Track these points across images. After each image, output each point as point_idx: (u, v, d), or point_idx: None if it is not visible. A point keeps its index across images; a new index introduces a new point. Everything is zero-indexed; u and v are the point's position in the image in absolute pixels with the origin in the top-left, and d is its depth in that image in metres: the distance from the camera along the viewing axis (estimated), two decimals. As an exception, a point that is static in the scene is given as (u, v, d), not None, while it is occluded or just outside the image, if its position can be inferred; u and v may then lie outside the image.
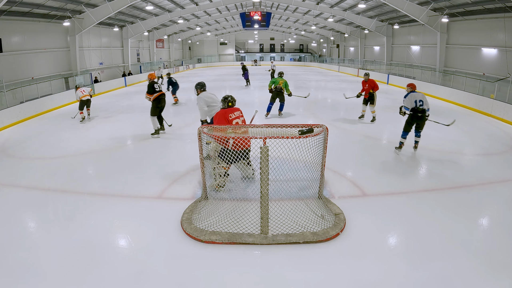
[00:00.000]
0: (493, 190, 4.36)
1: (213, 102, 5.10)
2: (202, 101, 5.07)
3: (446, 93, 12.08)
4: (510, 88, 9.12)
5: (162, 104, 6.81)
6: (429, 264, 2.80)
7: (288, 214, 3.49)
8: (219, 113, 4.29)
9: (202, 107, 5.07)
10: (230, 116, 4.23)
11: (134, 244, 3.19)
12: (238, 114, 4.32)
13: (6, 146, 6.77)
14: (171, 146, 6.46)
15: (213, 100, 5.12)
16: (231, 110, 4.32)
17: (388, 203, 3.95)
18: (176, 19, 23.28)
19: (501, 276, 2.67)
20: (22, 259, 2.94)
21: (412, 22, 18.74)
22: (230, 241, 3.11)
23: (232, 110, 4.32)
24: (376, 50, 25.08)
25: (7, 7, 11.40)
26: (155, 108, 6.74)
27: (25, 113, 9.58)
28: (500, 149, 6.13)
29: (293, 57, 42.93)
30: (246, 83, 17.10)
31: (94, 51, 18.63)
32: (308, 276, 2.70)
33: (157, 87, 6.70)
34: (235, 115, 4.28)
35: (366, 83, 8.27)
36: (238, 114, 4.32)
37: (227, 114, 4.24)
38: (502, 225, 3.45)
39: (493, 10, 12.82)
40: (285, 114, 9.12)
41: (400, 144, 5.83)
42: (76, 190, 4.41)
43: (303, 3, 21.82)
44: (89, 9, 15.40)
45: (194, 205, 3.78)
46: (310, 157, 3.49)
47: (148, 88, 6.72)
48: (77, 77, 15.15)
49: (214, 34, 38.51)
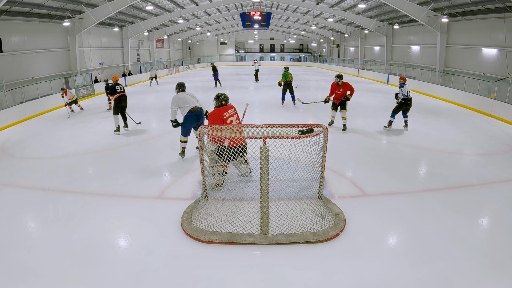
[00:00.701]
0: (493, 190, 4.35)
1: (185, 103, 5.24)
2: (174, 102, 5.27)
3: (446, 93, 12.08)
4: (510, 88, 9.12)
5: (122, 103, 7.38)
6: (429, 264, 2.80)
7: (288, 214, 3.49)
8: (213, 113, 4.33)
9: (172, 107, 5.30)
10: (225, 115, 4.27)
11: (134, 244, 3.19)
12: (232, 112, 4.37)
13: (6, 146, 6.77)
14: (171, 146, 6.46)
15: (185, 102, 5.25)
16: (225, 108, 4.34)
17: (388, 203, 3.95)
18: (176, 19, 23.29)
19: (502, 276, 2.67)
20: (22, 259, 2.93)
21: (412, 22, 18.74)
22: (230, 241, 3.11)
23: (226, 108, 4.35)
24: (376, 50, 25.08)
25: (7, 7, 11.40)
26: (116, 108, 7.34)
27: (25, 113, 9.58)
28: (500, 149, 6.13)
29: (293, 57, 42.92)
30: (216, 83, 16.70)
31: (94, 51, 18.63)
32: (308, 276, 2.70)
33: (119, 89, 7.37)
34: (229, 113, 4.32)
35: (340, 87, 7.09)
36: (232, 112, 4.37)
37: (221, 113, 4.27)
38: (502, 225, 3.45)
39: (493, 10, 12.82)
40: (285, 114, 9.14)
41: (389, 122, 7.34)
42: (76, 190, 4.41)
43: (303, 3, 21.83)
44: (89, 9, 15.40)
45: (194, 205, 3.78)
46: (310, 157, 3.49)
47: (110, 89, 7.44)
48: (77, 77, 15.15)
49: (214, 34, 38.50)
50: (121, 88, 7.40)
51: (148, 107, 11.44)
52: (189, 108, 5.22)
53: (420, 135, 7.01)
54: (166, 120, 9.04)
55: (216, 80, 16.72)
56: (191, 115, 5.23)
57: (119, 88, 7.36)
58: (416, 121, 8.53)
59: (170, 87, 17.26)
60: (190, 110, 5.21)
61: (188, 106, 5.24)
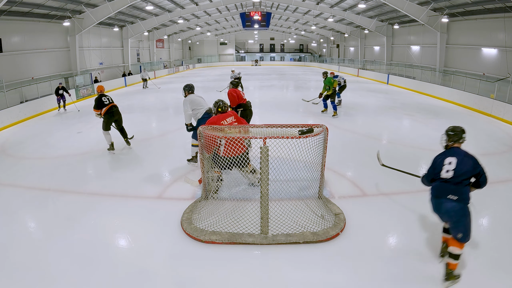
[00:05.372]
0: (493, 190, 4.34)
1: (199, 105, 4.99)
2: (187, 104, 4.98)
3: (446, 93, 12.08)
4: (510, 88, 9.12)
5: (115, 117, 5.97)
6: (429, 264, 2.80)
7: (288, 214, 3.49)
8: (210, 121, 4.10)
9: (187, 111, 4.98)
10: (223, 124, 4.03)
11: (134, 244, 3.19)
12: (231, 120, 4.11)
13: (6, 146, 6.77)
14: (171, 146, 6.46)
15: (199, 104, 5.00)
16: (223, 116, 4.10)
17: (388, 203, 3.95)
18: (176, 19, 23.27)
19: (502, 276, 2.67)
20: (22, 259, 2.93)
21: (412, 22, 18.73)
22: (230, 241, 3.11)
23: (225, 116, 4.11)
24: (376, 50, 25.07)
25: (7, 7, 11.40)
26: (106, 123, 5.91)
27: (25, 113, 9.59)
28: (500, 149, 6.13)
29: (293, 57, 42.92)
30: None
31: (94, 51, 18.62)
32: (308, 276, 2.70)
33: (106, 100, 5.90)
34: (228, 121, 4.07)
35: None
36: (231, 120, 4.11)
37: (219, 121, 4.03)
38: (503, 225, 3.45)
39: (493, 10, 12.81)
40: (285, 114, 9.14)
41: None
42: (76, 190, 4.42)
43: (303, 3, 21.82)
44: (89, 9, 15.40)
45: (194, 205, 3.78)
46: (310, 157, 3.49)
47: (95, 102, 5.85)
48: (77, 77, 15.16)
49: (214, 34, 38.49)
50: (109, 99, 5.96)
51: (148, 107, 11.44)
52: (203, 110, 4.96)
53: (420, 135, 7.00)
54: (166, 120, 9.07)
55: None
56: (207, 117, 4.85)
57: (107, 100, 5.91)
58: (416, 121, 8.53)
59: (170, 87, 17.27)
60: (206, 112, 4.94)
61: (203, 108, 4.98)
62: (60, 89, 10.32)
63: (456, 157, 2.56)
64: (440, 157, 2.64)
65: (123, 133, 6.19)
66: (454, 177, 2.52)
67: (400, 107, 10.60)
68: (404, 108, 10.49)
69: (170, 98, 13.42)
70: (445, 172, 2.56)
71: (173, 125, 8.05)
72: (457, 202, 2.53)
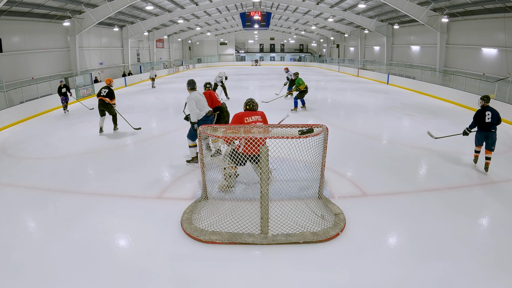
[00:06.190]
0: (493, 190, 4.36)
1: (202, 106, 4.88)
2: (192, 101, 4.78)
3: (446, 93, 12.08)
4: (510, 88, 9.12)
5: (100, 107, 7.31)
6: (430, 264, 2.80)
7: (288, 214, 3.49)
8: (236, 115, 4.07)
9: (193, 109, 4.77)
10: (246, 120, 4.00)
11: (134, 244, 3.19)
12: (256, 119, 4.04)
13: (6, 146, 6.77)
14: (171, 146, 6.46)
15: (202, 104, 4.88)
16: (249, 113, 4.08)
17: (388, 203, 3.95)
18: (176, 19, 23.29)
19: (502, 276, 2.66)
20: (23, 259, 2.93)
21: (412, 22, 18.74)
22: (230, 241, 3.11)
23: (250, 113, 4.08)
24: (376, 50, 25.08)
25: (7, 7, 11.41)
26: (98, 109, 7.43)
27: (25, 113, 9.59)
28: (500, 149, 6.12)
29: (293, 57, 42.93)
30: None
31: (94, 51, 18.63)
32: (308, 276, 2.70)
33: (103, 92, 7.33)
34: (252, 119, 4.02)
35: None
36: (256, 118, 4.04)
37: (243, 117, 4.02)
38: (503, 225, 3.45)
39: (493, 10, 12.82)
40: (285, 114, 9.11)
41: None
42: (76, 190, 4.41)
43: (303, 3, 21.83)
44: (89, 9, 15.41)
45: (194, 205, 3.78)
46: (310, 157, 3.49)
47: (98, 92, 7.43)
48: (77, 77, 15.15)
49: (214, 34, 38.51)
50: (105, 92, 7.26)
51: (148, 107, 11.44)
52: (204, 112, 4.87)
53: (420, 135, 7.00)
54: (167, 120, 9.07)
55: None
56: (207, 120, 4.89)
57: (104, 92, 7.26)
58: (416, 121, 8.53)
59: (170, 87, 17.27)
60: (206, 115, 4.87)
61: (204, 110, 4.88)
62: (63, 87, 10.14)
63: (490, 111, 4.87)
64: (481, 111, 4.92)
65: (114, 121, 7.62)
66: (492, 120, 4.83)
67: (400, 107, 10.60)
68: (404, 108, 10.49)
69: (170, 98, 13.42)
70: (487, 119, 4.83)
71: (173, 125, 8.06)
72: (494, 132, 4.85)
